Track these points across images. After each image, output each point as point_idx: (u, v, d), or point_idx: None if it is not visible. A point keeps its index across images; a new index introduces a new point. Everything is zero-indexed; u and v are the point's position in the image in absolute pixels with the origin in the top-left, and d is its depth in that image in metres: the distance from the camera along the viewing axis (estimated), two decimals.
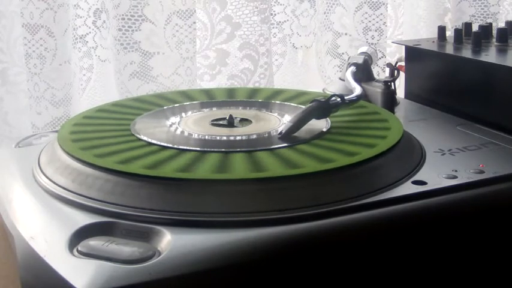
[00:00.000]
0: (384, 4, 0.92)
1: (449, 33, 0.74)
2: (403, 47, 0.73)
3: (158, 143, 0.50)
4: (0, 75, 0.80)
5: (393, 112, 0.63)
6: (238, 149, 0.49)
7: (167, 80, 0.84)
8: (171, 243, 0.39)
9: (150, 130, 0.54)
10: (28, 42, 0.77)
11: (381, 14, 0.92)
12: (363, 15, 0.92)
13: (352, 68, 0.68)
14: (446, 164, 0.50)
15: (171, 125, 0.56)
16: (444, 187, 0.46)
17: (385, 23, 0.93)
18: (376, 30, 0.92)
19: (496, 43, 0.68)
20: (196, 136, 0.53)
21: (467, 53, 0.65)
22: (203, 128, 0.55)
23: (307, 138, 0.52)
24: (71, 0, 0.81)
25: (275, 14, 0.94)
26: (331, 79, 0.93)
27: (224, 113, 0.58)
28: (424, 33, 0.98)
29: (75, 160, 0.47)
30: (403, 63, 0.73)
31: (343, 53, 0.93)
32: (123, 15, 0.80)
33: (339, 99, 0.56)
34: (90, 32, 0.85)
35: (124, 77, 0.82)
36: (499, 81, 0.61)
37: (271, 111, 0.60)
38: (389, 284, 0.43)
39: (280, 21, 0.94)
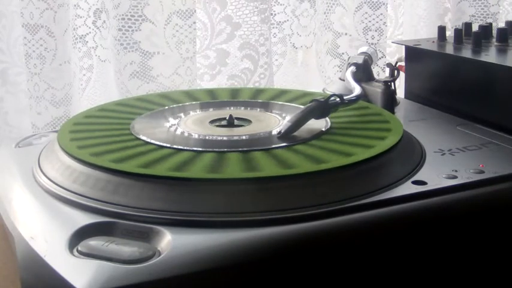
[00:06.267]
0: (384, 4, 0.92)
1: (449, 33, 0.74)
2: (403, 47, 0.73)
3: (157, 142, 0.50)
4: (0, 75, 0.80)
5: (393, 112, 0.63)
6: (238, 149, 0.49)
7: (167, 80, 0.84)
8: (171, 243, 0.39)
9: (150, 130, 0.54)
10: (28, 42, 0.77)
11: (381, 14, 0.92)
12: (362, 15, 0.92)
13: (352, 68, 0.68)
14: (446, 164, 0.50)
15: (171, 125, 0.56)
16: (444, 187, 0.46)
17: (385, 23, 0.93)
18: (376, 30, 0.92)
19: (496, 43, 0.68)
20: (195, 136, 0.53)
21: (467, 53, 0.65)
22: (202, 128, 0.55)
23: (306, 138, 0.52)
24: (71, 0, 0.81)
25: (275, 14, 0.93)
26: (331, 79, 0.93)
27: (224, 113, 0.58)
28: (424, 33, 0.98)
29: (74, 160, 0.47)
30: (403, 63, 0.73)
31: (343, 53, 0.93)
32: (123, 15, 0.80)
33: (338, 99, 0.56)
34: (90, 32, 0.85)
35: (124, 77, 0.82)
36: (499, 81, 0.61)
37: (271, 112, 0.60)
38: (389, 284, 0.43)
39: (280, 21, 0.94)
